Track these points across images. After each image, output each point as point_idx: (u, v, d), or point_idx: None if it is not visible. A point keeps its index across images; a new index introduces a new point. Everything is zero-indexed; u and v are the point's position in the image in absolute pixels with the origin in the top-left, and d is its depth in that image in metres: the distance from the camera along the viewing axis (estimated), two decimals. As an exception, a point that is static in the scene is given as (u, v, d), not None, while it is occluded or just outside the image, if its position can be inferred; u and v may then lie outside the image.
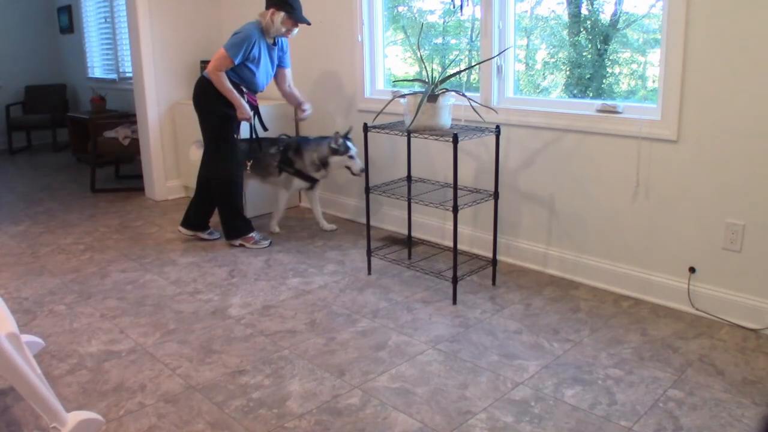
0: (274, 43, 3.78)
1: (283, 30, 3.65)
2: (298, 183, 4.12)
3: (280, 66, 3.91)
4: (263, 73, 3.75)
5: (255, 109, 3.88)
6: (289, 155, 4.07)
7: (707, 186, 2.76)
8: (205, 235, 4.05)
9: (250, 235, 3.91)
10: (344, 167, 3.99)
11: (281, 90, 4.02)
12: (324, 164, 4.01)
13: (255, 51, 3.61)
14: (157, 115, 4.97)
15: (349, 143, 3.95)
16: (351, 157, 3.94)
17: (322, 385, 2.36)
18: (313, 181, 4.12)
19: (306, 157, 4.05)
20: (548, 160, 3.29)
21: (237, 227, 3.89)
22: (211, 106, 3.69)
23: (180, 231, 4.03)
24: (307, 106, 4.03)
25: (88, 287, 3.35)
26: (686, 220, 2.86)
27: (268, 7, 3.64)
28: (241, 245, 3.91)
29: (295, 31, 3.73)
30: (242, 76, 3.67)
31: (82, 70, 7.71)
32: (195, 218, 4.01)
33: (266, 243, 3.92)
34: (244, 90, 3.73)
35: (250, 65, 3.64)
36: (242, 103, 3.67)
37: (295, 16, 3.64)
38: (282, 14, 3.60)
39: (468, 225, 3.72)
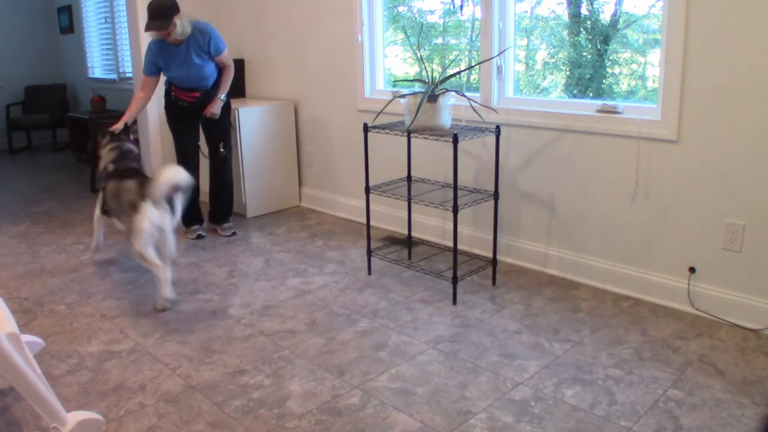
0: (180, 43, 3.77)
1: (156, 35, 3.74)
2: None
3: (213, 55, 3.89)
4: (176, 71, 3.85)
5: (194, 104, 3.94)
6: None
7: (707, 186, 2.76)
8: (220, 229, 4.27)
9: (192, 227, 4.17)
10: None
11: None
12: None
13: (159, 58, 3.81)
14: (157, 115, 4.97)
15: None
16: None
17: (322, 385, 2.36)
18: None
19: None
20: (548, 160, 3.29)
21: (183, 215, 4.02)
22: (166, 108, 4.07)
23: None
24: (210, 107, 3.95)
25: (88, 287, 3.35)
26: (686, 220, 2.86)
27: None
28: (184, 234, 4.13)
29: (158, 34, 3.72)
30: (168, 78, 3.95)
31: (82, 70, 7.71)
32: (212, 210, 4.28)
33: (193, 235, 4.13)
34: (174, 88, 3.94)
35: (164, 69, 3.86)
36: (130, 110, 3.89)
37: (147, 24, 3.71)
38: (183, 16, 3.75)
39: (468, 225, 3.72)
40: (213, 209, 4.25)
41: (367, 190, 3.34)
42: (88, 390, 2.36)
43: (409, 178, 3.55)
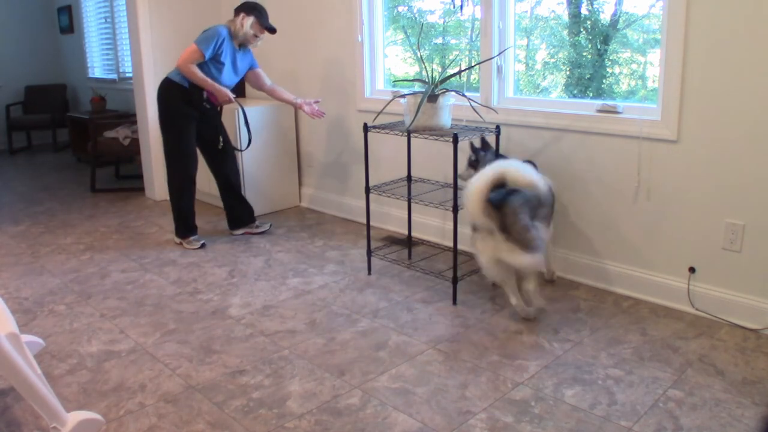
0: (239, 49, 3.80)
1: (251, 33, 3.70)
2: None
3: (252, 68, 3.94)
4: (227, 75, 3.78)
5: (214, 108, 3.89)
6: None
7: (707, 186, 2.76)
8: (254, 229, 4.18)
9: (190, 237, 3.97)
10: None
11: (265, 89, 4.03)
12: None
13: (223, 50, 3.66)
14: (157, 115, 4.97)
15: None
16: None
17: (322, 385, 2.36)
18: None
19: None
20: (548, 160, 3.29)
21: (178, 227, 3.96)
22: (171, 104, 3.73)
23: (182, 244, 3.99)
24: (308, 102, 3.96)
25: (88, 287, 3.35)
26: (686, 220, 2.86)
27: (237, 13, 3.72)
28: (180, 244, 3.98)
29: (261, 39, 3.78)
30: (205, 73, 3.68)
31: (82, 70, 7.71)
32: (240, 214, 4.13)
33: (197, 245, 3.95)
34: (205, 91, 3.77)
35: (217, 65, 3.69)
36: (219, 88, 3.70)
37: (263, 21, 3.73)
38: (252, 18, 3.68)
39: (468, 225, 3.72)
40: (235, 213, 4.11)
41: (367, 190, 3.34)
42: (88, 390, 2.36)
43: (409, 178, 3.55)
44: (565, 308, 2.97)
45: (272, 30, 3.78)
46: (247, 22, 3.66)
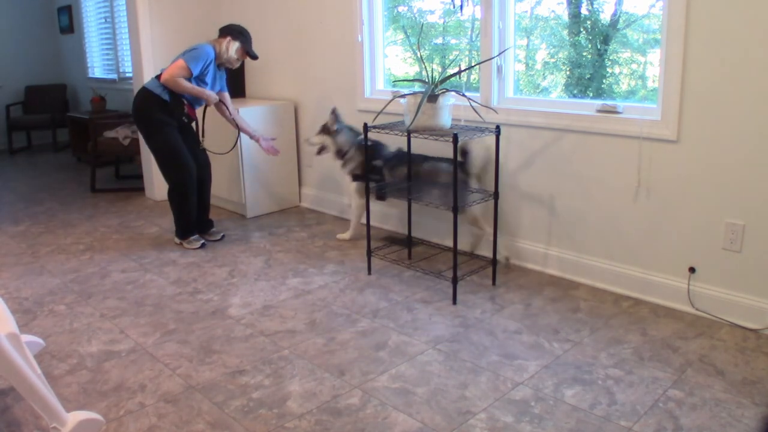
0: (219, 69, 3.85)
1: (234, 58, 3.77)
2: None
3: (220, 90, 3.95)
4: (210, 89, 3.81)
5: (193, 121, 3.92)
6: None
7: (707, 186, 2.76)
8: (214, 236, 4.10)
9: (191, 237, 3.96)
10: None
11: (225, 116, 4.03)
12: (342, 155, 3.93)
13: (208, 71, 3.72)
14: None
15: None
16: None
17: (322, 385, 2.36)
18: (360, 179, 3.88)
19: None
20: (548, 160, 3.29)
21: (178, 228, 3.96)
22: (153, 115, 3.72)
23: (182, 244, 3.98)
24: (266, 139, 4.08)
25: (88, 287, 3.35)
26: (686, 220, 2.86)
27: (222, 35, 3.77)
28: (180, 244, 3.98)
29: (240, 61, 3.85)
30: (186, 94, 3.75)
31: (82, 70, 7.71)
32: (201, 220, 4.07)
33: (197, 245, 3.94)
34: (185, 103, 3.78)
35: (200, 84, 3.74)
36: (205, 91, 3.73)
37: (248, 48, 3.79)
38: (237, 44, 3.74)
39: (468, 225, 3.72)
40: (200, 218, 4.04)
41: (367, 190, 3.34)
42: (88, 390, 2.36)
43: (409, 178, 3.55)
44: (565, 308, 2.97)
45: (254, 57, 3.87)
46: (233, 47, 3.73)
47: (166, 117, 3.73)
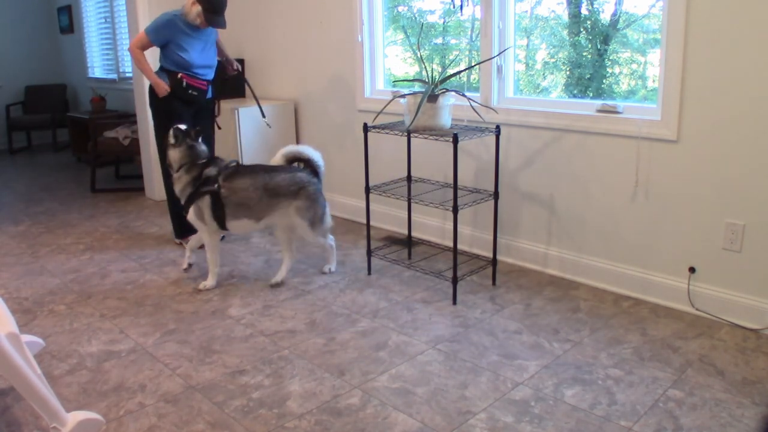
0: (202, 33, 3.72)
1: (198, 22, 3.62)
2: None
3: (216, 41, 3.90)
4: (196, 54, 3.71)
5: (203, 93, 3.80)
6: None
7: (707, 186, 2.76)
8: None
9: (189, 237, 3.82)
10: None
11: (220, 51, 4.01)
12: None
13: (174, 35, 3.61)
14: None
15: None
16: None
17: (322, 385, 2.36)
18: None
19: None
20: (548, 160, 3.29)
21: (175, 228, 3.94)
22: (161, 104, 3.72)
23: (182, 244, 3.94)
24: (232, 64, 4.02)
25: (88, 287, 3.35)
26: (686, 220, 2.86)
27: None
28: (180, 244, 3.96)
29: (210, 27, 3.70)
30: (175, 61, 3.67)
31: (82, 70, 7.71)
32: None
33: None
34: (183, 74, 3.68)
35: (178, 49, 3.64)
36: (157, 80, 3.68)
37: (208, 17, 3.59)
38: (198, 8, 3.58)
39: (468, 225, 3.72)
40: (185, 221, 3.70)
41: (367, 190, 3.34)
42: (88, 390, 2.36)
43: (409, 178, 3.55)
44: (565, 308, 2.97)
45: (215, 26, 3.65)
46: (194, 10, 3.58)
47: (171, 102, 3.67)
